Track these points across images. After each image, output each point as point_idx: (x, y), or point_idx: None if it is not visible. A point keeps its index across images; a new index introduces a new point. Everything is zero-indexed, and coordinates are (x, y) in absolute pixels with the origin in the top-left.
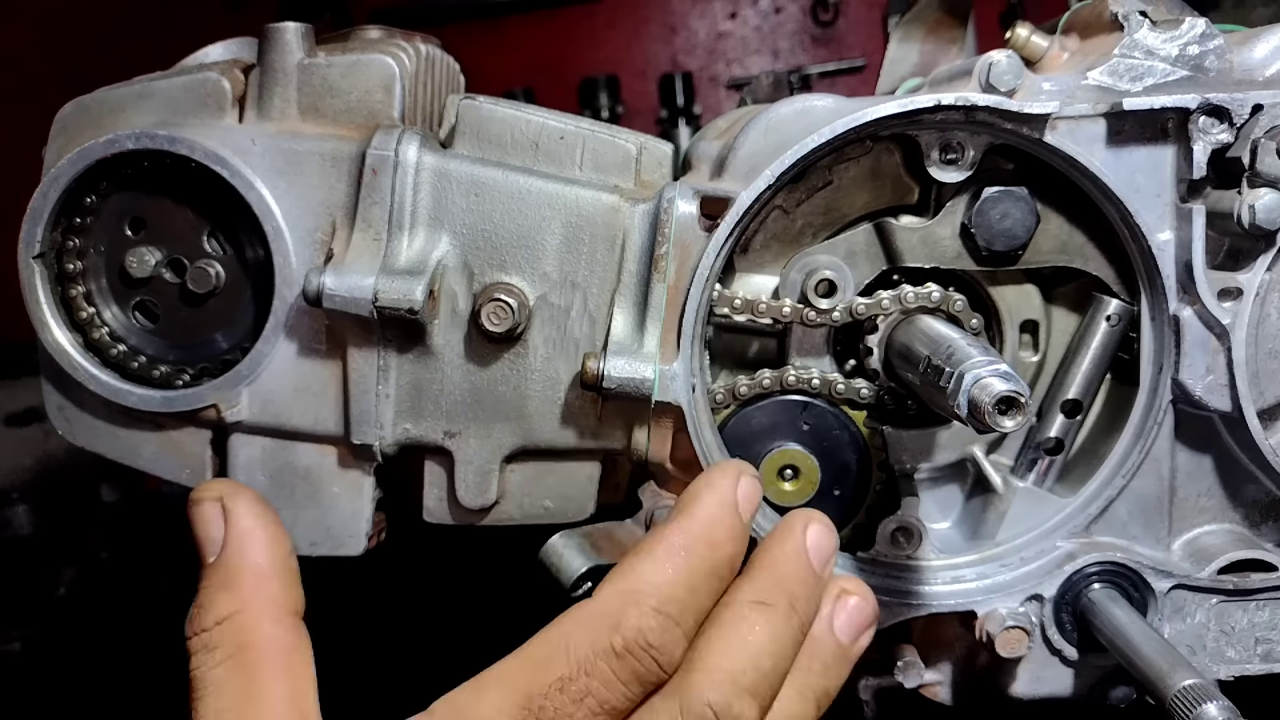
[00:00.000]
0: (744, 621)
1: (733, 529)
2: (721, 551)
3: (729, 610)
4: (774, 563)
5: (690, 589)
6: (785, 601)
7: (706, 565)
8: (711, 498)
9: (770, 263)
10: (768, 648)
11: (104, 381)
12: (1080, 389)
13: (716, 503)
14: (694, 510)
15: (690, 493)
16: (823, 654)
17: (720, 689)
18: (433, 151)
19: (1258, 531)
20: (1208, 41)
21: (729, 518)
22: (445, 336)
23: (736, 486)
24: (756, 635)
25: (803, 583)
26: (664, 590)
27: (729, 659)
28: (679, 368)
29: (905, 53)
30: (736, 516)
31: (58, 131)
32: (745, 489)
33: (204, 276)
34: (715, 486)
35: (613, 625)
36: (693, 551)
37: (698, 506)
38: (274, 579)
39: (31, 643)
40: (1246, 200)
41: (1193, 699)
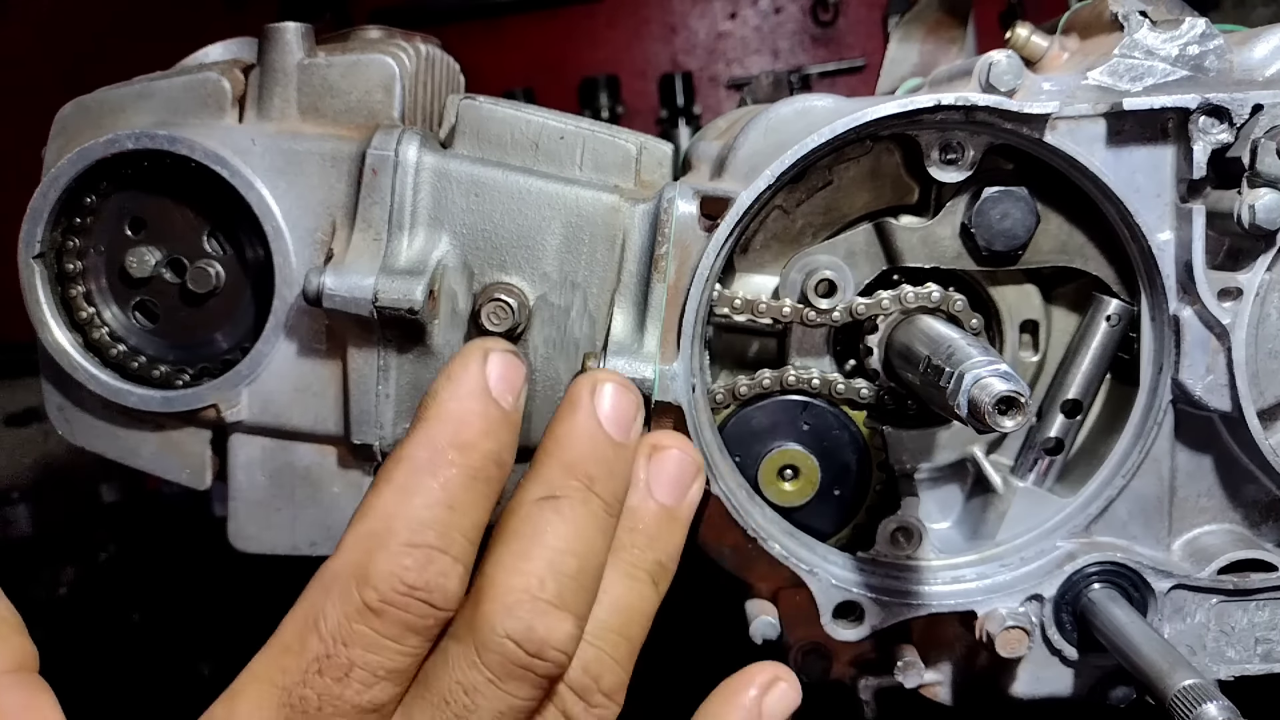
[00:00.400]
0: (531, 523)
1: (489, 420)
2: (478, 451)
3: (513, 516)
4: (560, 444)
5: (448, 506)
6: (579, 487)
7: (463, 473)
8: (452, 390)
9: (770, 263)
10: (568, 546)
11: (104, 381)
12: (1080, 389)
13: (461, 394)
14: (432, 412)
15: (429, 392)
16: (645, 525)
17: (516, 613)
18: (433, 151)
19: (1258, 531)
20: (1208, 41)
21: (480, 408)
22: (445, 336)
23: (485, 368)
24: (551, 536)
25: (599, 460)
26: (415, 517)
27: (521, 574)
28: (679, 368)
29: (905, 53)
30: (490, 404)
31: (58, 131)
32: (499, 367)
33: (204, 276)
34: (456, 377)
35: (360, 577)
36: (440, 462)
37: (436, 406)
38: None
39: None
40: (1246, 200)
41: (1193, 699)
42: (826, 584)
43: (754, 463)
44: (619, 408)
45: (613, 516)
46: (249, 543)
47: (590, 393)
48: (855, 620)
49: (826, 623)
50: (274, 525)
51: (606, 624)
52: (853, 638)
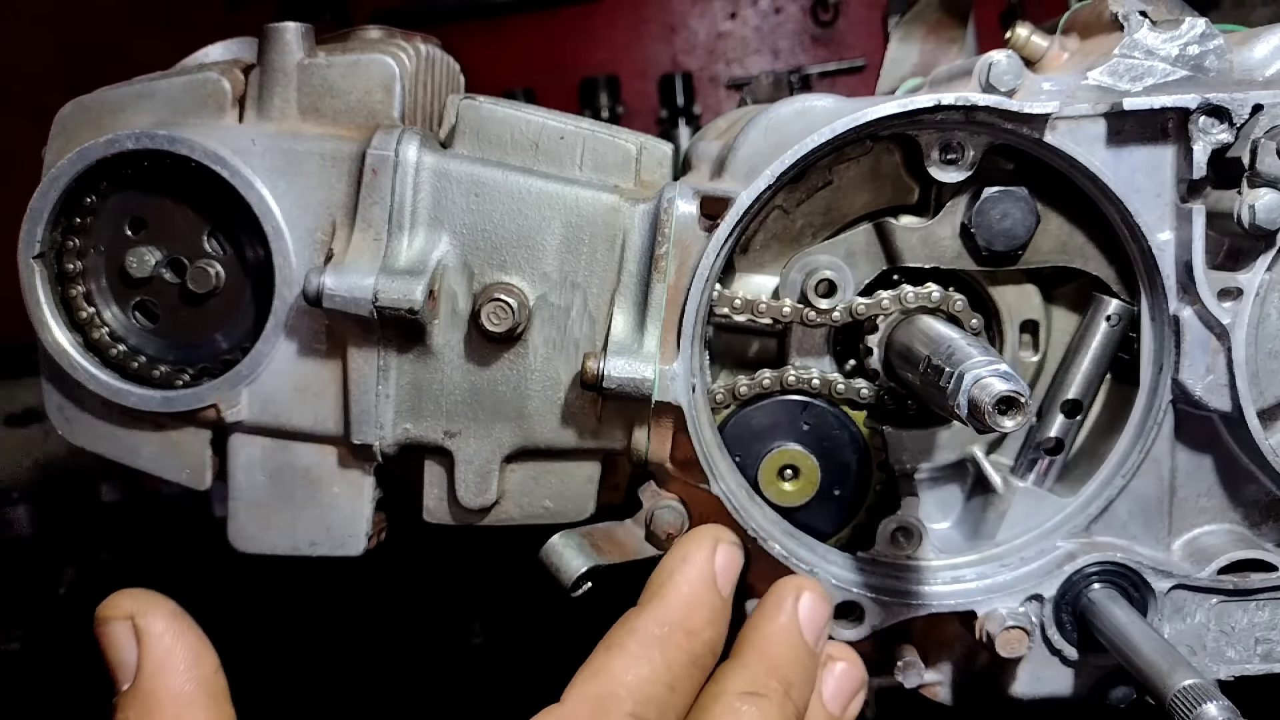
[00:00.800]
0: (735, 716)
1: (713, 610)
2: (701, 637)
3: (718, 704)
4: (765, 644)
5: (670, 686)
6: (779, 689)
7: (686, 656)
8: (687, 575)
9: (770, 263)
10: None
11: (104, 381)
12: (1080, 389)
13: (693, 580)
14: (668, 593)
15: (663, 570)
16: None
17: None
18: (433, 151)
19: (1258, 531)
20: (1208, 41)
21: (708, 596)
22: (445, 336)
23: (714, 557)
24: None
25: (797, 665)
26: (641, 691)
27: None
28: (679, 368)
29: (905, 53)
30: (715, 594)
31: (58, 131)
32: (724, 559)
33: (204, 276)
34: (691, 561)
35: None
36: (669, 642)
37: (672, 588)
38: (200, 706)
39: (31, 643)
40: (1246, 200)
41: (1193, 699)
42: (826, 584)
43: (754, 463)
44: (815, 619)
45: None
46: (249, 543)
47: (794, 598)
48: (855, 620)
49: None
50: (274, 525)
51: None
52: (853, 638)
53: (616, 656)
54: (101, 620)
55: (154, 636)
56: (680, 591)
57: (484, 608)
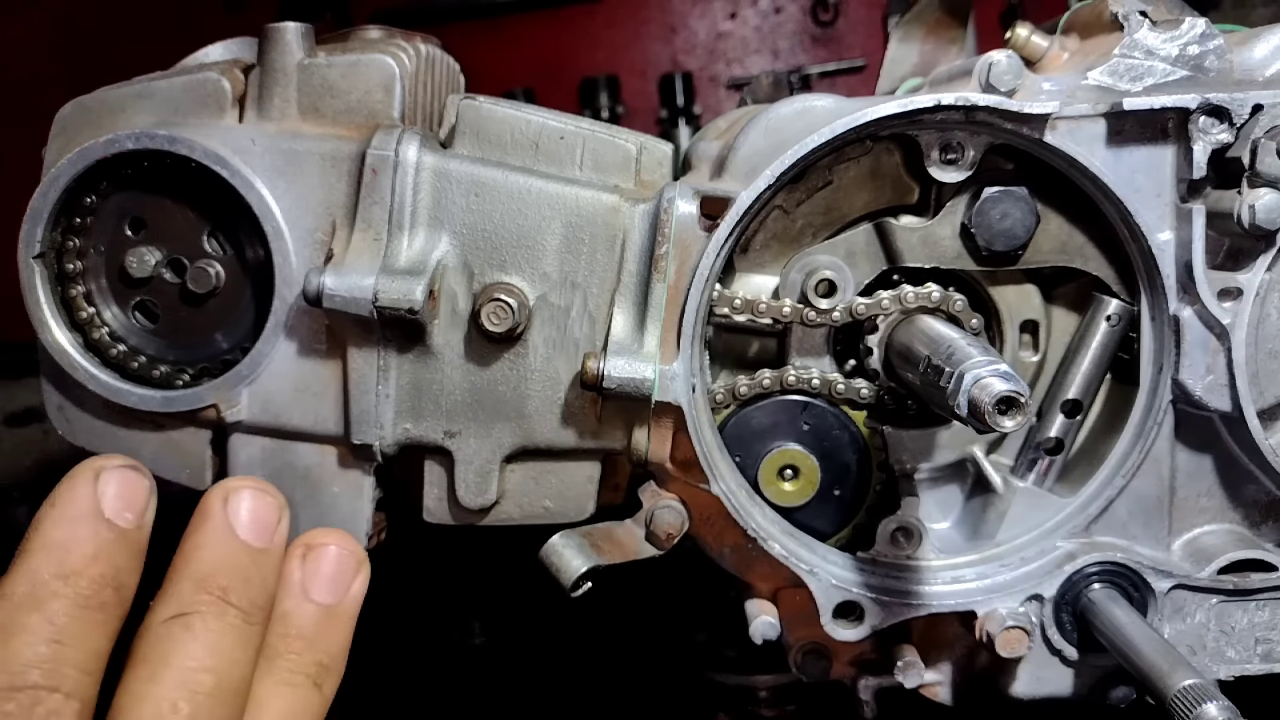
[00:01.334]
0: (160, 645)
1: (99, 542)
2: (86, 577)
3: (142, 640)
4: (188, 559)
5: (54, 641)
6: (213, 600)
7: (69, 604)
8: (56, 517)
9: (770, 263)
10: (202, 664)
11: (104, 381)
12: (1080, 389)
13: (67, 519)
14: (32, 543)
15: (33, 520)
16: (301, 628)
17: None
18: (433, 151)
19: (1258, 531)
20: (1208, 41)
21: (88, 531)
22: (445, 336)
23: (98, 488)
24: (181, 655)
25: (233, 569)
26: (17, 659)
27: (152, 700)
28: (679, 368)
29: (905, 53)
30: (101, 525)
31: (58, 131)
32: (114, 485)
33: (204, 276)
34: (60, 501)
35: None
36: (42, 595)
37: (36, 536)
38: None
39: None
40: (1246, 200)
41: (1193, 699)
42: (826, 584)
43: (754, 463)
44: (257, 513)
45: (254, 625)
46: None
47: (222, 502)
48: (855, 620)
49: (826, 623)
50: None
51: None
52: (853, 638)
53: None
54: None
55: None
56: (49, 537)
57: (484, 608)
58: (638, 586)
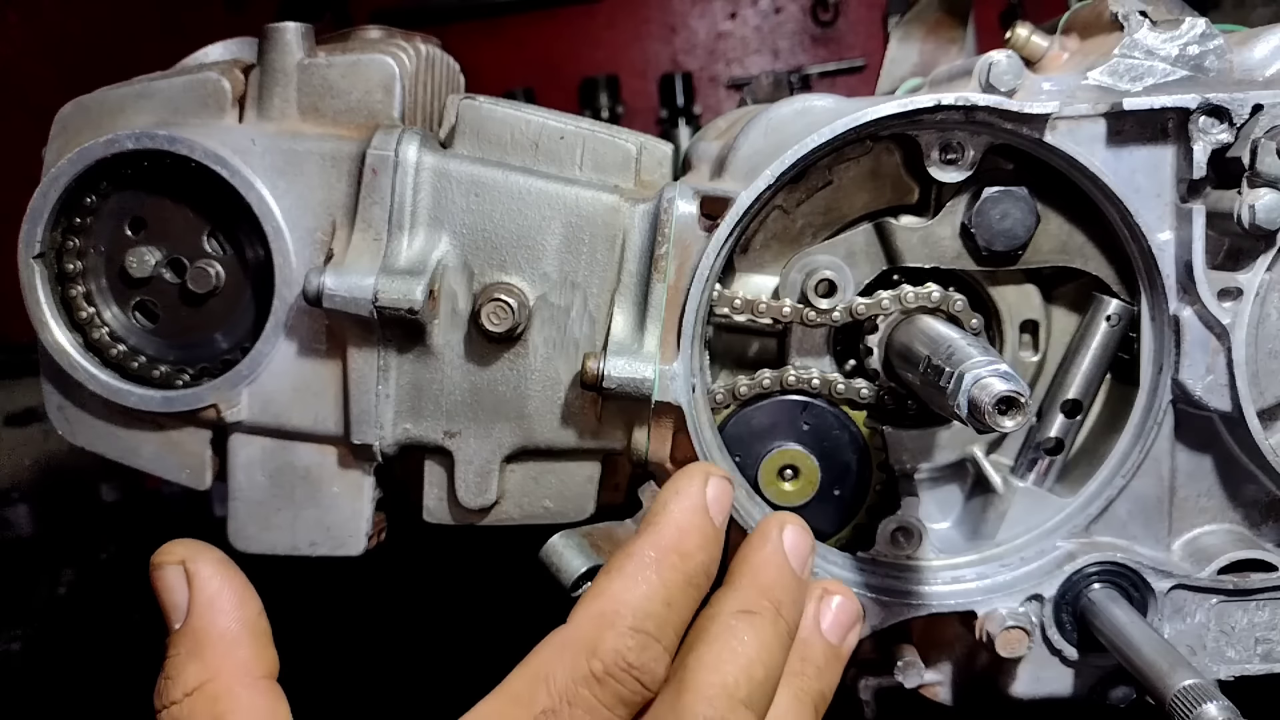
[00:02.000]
0: (731, 632)
1: (705, 535)
2: (695, 560)
3: (714, 623)
4: (755, 569)
5: (665, 602)
6: (770, 608)
7: (681, 576)
8: (680, 505)
9: (770, 263)
10: (758, 657)
11: (104, 381)
12: (1080, 389)
13: (686, 509)
14: (662, 520)
15: (659, 502)
16: (814, 657)
17: (714, 704)
18: (433, 151)
19: (1258, 531)
20: (1208, 41)
21: (699, 523)
22: (445, 336)
23: (705, 490)
24: (745, 645)
25: (785, 588)
26: (639, 607)
27: (720, 673)
28: (679, 368)
29: (905, 53)
30: (707, 521)
31: (58, 131)
32: (715, 491)
33: (204, 276)
34: (683, 493)
35: (590, 649)
36: (665, 563)
37: (666, 516)
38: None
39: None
40: (1246, 200)
41: (1193, 699)
42: None
43: (754, 463)
44: (799, 546)
45: (791, 639)
46: (249, 543)
47: (779, 530)
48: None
49: None
50: (274, 525)
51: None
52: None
53: (616, 579)
54: (156, 566)
55: (203, 579)
56: (673, 519)
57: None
58: None
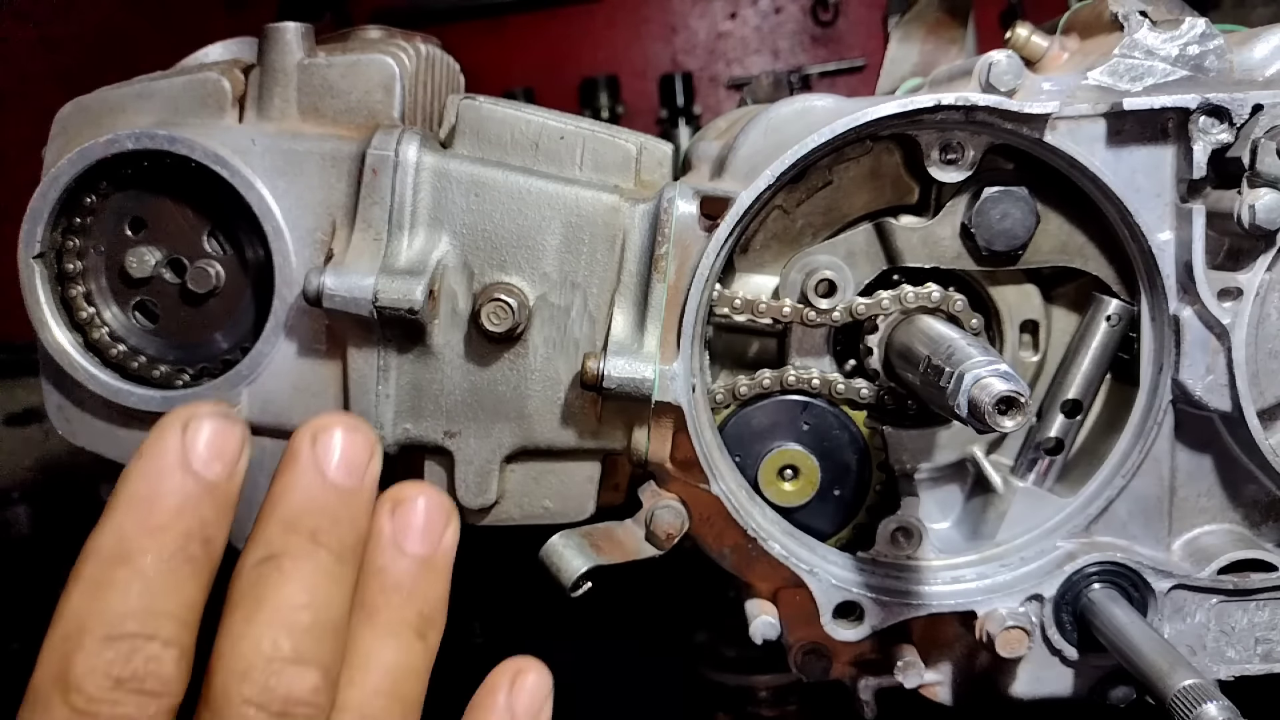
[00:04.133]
0: (254, 588)
1: (183, 495)
2: (173, 531)
3: (235, 585)
4: (275, 502)
5: (144, 592)
6: (301, 541)
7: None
8: (142, 470)
9: (770, 263)
10: (298, 602)
11: (104, 381)
12: (1080, 389)
13: (153, 473)
14: (118, 498)
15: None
16: (398, 580)
17: (249, 677)
18: (433, 151)
19: (1258, 531)
20: (1208, 41)
21: (174, 484)
22: (445, 336)
23: (186, 439)
24: (275, 596)
25: (321, 510)
26: (111, 611)
27: (249, 639)
28: (679, 368)
29: (905, 53)
30: (187, 477)
31: (58, 131)
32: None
33: (204, 276)
34: (146, 454)
35: (63, 685)
36: (130, 550)
37: (122, 491)
38: None
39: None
40: (1246, 200)
41: (1193, 699)
42: (826, 584)
43: (754, 463)
44: (346, 452)
45: (346, 565)
46: None
47: (311, 442)
48: (855, 620)
49: (826, 623)
50: None
51: (376, 688)
52: (853, 638)
53: (74, 591)
54: None
55: None
56: (134, 491)
57: (484, 608)
58: (638, 586)
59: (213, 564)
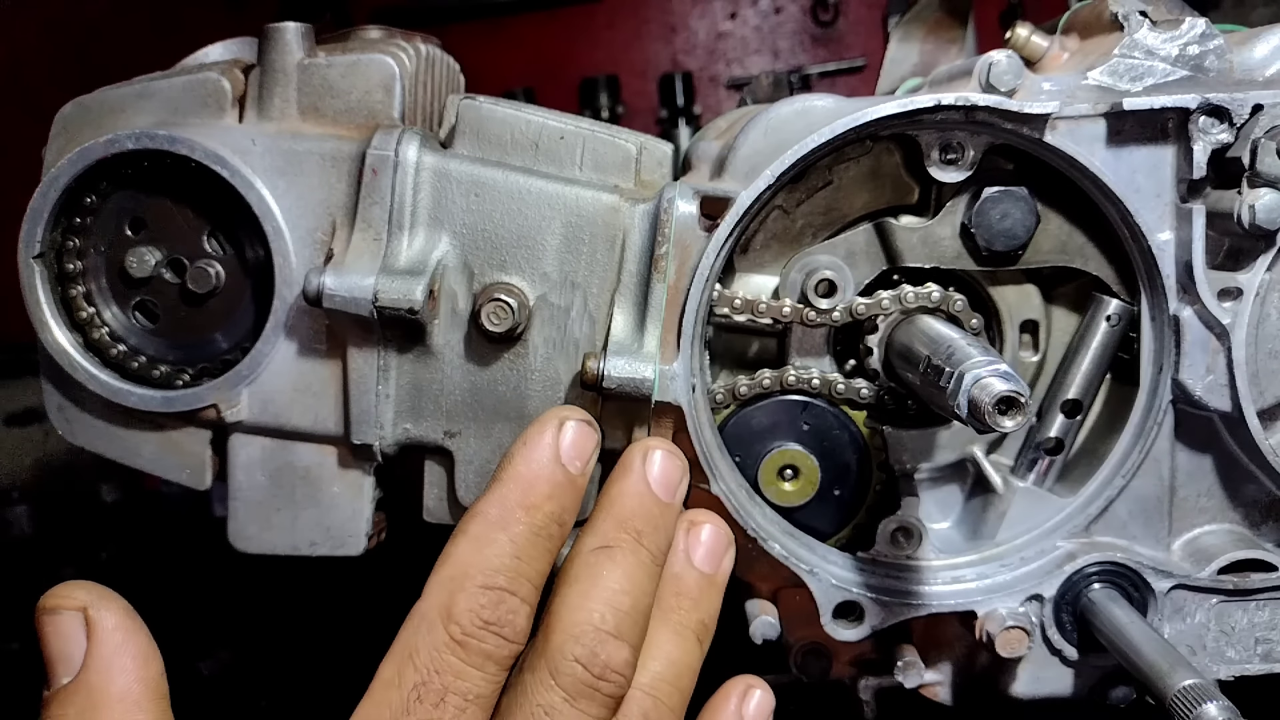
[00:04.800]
0: (590, 569)
1: (554, 483)
2: (543, 511)
3: (573, 564)
4: (612, 503)
5: (515, 556)
6: (629, 539)
7: (527, 530)
8: (524, 457)
9: (770, 263)
10: (622, 588)
11: (104, 381)
12: (1080, 389)
13: (530, 459)
14: (505, 474)
15: (506, 455)
16: (688, 589)
17: (581, 641)
18: (433, 151)
19: (1258, 531)
20: (1208, 41)
21: (546, 472)
22: (445, 336)
23: (559, 436)
24: (606, 579)
25: (646, 517)
26: (487, 564)
27: (584, 610)
28: (679, 368)
29: (905, 53)
30: (557, 468)
31: (58, 131)
32: (571, 436)
33: (204, 276)
34: (529, 443)
35: (445, 615)
36: (509, 519)
37: (509, 469)
38: (144, 710)
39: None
40: (1246, 200)
41: (1193, 699)
42: (826, 584)
43: (754, 463)
44: (666, 472)
45: (658, 565)
46: (249, 543)
47: (642, 458)
48: (855, 620)
49: (826, 623)
50: (274, 525)
51: (661, 675)
52: (853, 638)
53: (461, 542)
54: (49, 609)
55: (106, 631)
56: (517, 471)
57: None
58: None
59: (563, 542)
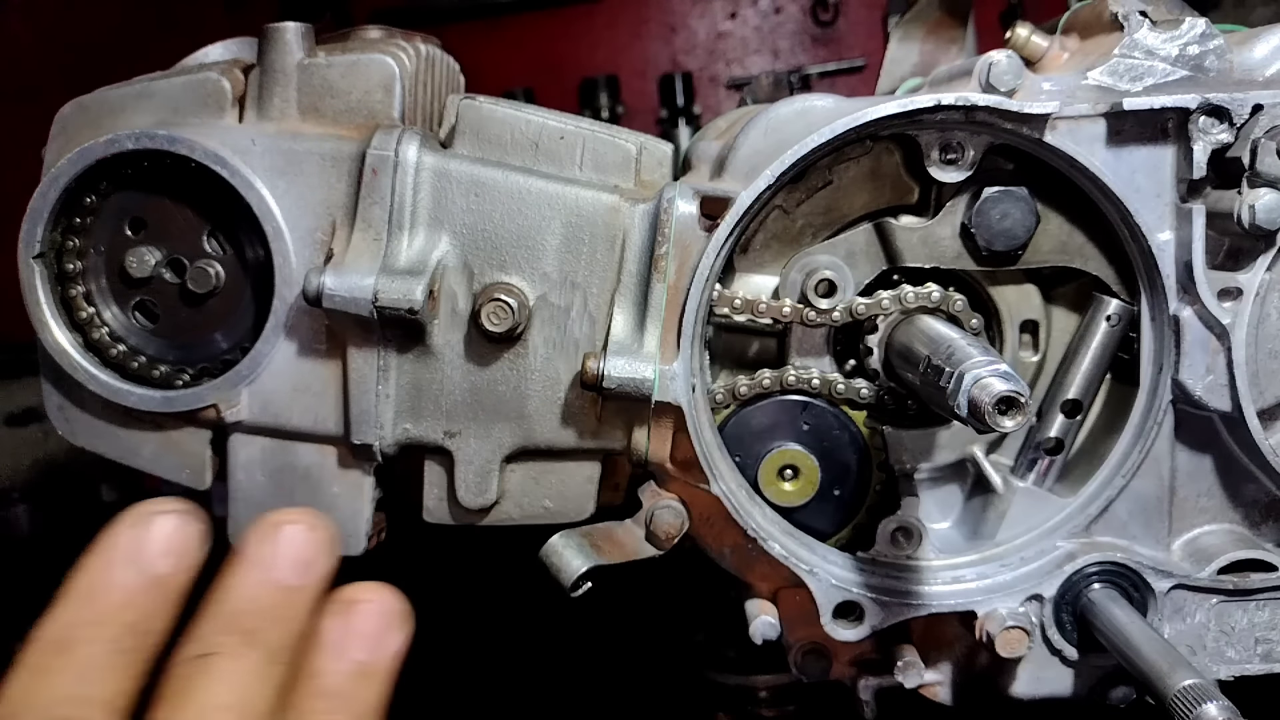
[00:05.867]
0: (182, 684)
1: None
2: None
3: (166, 680)
4: (218, 598)
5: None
6: (236, 641)
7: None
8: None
9: (770, 263)
10: (223, 703)
11: (104, 381)
12: (1080, 389)
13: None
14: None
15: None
16: (334, 686)
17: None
18: (433, 151)
19: (1258, 531)
20: (1208, 41)
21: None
22: (445, 336)
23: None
24: (202, 695)
25: (261, 610)
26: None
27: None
28: (679, 368)
29: (905, 53)
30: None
31: (58, 131)
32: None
33: (204, 276)
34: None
35: None
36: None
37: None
38: None
39: None
40: (1246, 200)
41: (1193, 699)
42: (826, 584)
43: (754, 463)
44: (296, 549)
45: (281, 664)
46: None
47: (259, 539)
48: (855, 620)
49: (826, 623)
50: None
51: None
52: (853, 638)
53: (17, 674)
54: None
55: None
56: (81, 584)
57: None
58: (638, 586)
59: (150, 654)
